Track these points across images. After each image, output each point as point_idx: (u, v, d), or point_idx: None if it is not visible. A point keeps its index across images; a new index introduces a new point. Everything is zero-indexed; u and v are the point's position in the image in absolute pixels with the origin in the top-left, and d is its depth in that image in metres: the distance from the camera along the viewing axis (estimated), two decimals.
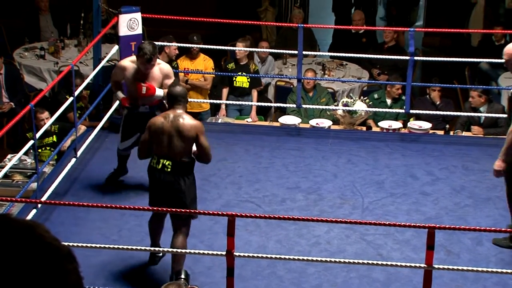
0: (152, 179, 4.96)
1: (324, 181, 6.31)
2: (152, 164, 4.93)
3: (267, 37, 10.83)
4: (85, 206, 4.95)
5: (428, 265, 4.31)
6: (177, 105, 4.93)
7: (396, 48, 9.33)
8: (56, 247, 1.36)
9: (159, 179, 4.88)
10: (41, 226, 1.38)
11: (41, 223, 1.44)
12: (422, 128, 7.47)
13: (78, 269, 1.38)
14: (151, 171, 4.96)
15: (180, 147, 4.85)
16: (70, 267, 1.37)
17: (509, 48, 5.31)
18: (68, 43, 9.60)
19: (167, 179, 4.86)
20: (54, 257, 1.33)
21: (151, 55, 5.59)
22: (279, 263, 5.12)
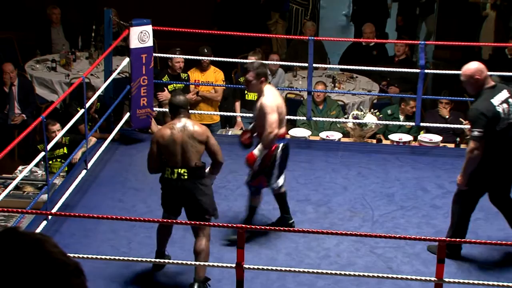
0: (169, 189, 5.03)
1: (334, 193, 6.30)
2: (166, 175, 5.00)
3: (277, 50, 10.85)
4: (95, 218, 4.96)
5: (438, 279, 4.29)
6: (181, 113, 5.05)
7: (407, 61, 9.33)
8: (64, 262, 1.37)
9: (178, 187, 4.97)
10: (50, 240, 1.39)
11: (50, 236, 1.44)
12: (432, 141, 7.46)
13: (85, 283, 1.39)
14: (166, 182, 5.03)
15: (195, 152, 4.98)
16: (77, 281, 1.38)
17: (466, 68, 5.29)
18: (79, 56, 9.65)
19: (186, 185, 4.96)
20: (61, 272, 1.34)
21: (246, 66, 5.57)
22: (289, 276, 5.10)
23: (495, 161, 5.20)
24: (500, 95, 5.16)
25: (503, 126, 5.13)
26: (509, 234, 5.68)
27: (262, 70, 5.43)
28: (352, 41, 10.22)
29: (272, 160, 5.45)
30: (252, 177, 5.53)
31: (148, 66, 7.04)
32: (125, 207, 6.02)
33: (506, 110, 5.13)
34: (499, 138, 5.14)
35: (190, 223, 4.94)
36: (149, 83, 7.09)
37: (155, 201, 6.12)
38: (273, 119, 5.28)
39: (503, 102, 5.15)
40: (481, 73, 5.22)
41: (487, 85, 5.19)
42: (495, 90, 5.17)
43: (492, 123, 5.09)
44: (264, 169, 5.47)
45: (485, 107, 5.09)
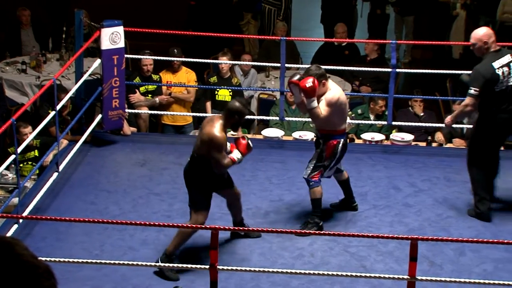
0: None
1: (307, 193, 6.29)
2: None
3: (250, 50, 10.86)
4: (67, 220, 4.91)
5: (411, 277, 4.32)
6: (222, 114, 5.17)
7: (379, 60, 9.38)
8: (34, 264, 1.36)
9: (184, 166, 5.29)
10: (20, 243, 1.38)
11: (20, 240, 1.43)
12: (404, 140, 7.51)
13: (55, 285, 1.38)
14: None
15: (198, 143, 5.16)
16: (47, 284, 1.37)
17: (476, 31, 5.79)
18: (50, 57, 9.57)
19: (185, 168, 5.26)
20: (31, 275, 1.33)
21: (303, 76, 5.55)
22: (263, 276, 5.10)
23: (493, 119, 5.67)
24: (503, 59, 5.63)
25: (502, 87, 5.60)
26: (479, 231, 5.74)
27: (321, 72, 5.57)
28: (324, 41, 10.25)
29: (332, 155, 5.61)
30: (311, 172, 5.66)
31: (120, 67, 7.00)
32: (97, 209, 5.98)
33: (506, 73, 5.61)
34: (498, 97, 5.62)
35: (162, 224, 4.91)
36: (120, 85, 7.05)
37: (127, 203, 6.10)
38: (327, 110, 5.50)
39: (504, 66, 5.61)
40: (488, 38, 5.68)
41: (493, 49, 5.65)
42: (498, 54, 5.64)
43: (490, 84, 5.56)
44: (324, 163, 5.64)
45: (485, 69, 5.58)
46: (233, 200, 5.48)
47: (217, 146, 5.03)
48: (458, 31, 10.93)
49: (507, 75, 5.61)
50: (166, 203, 6.13)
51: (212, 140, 5.03)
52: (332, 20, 10.80)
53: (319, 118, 5.52)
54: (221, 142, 5.05)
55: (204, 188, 5.19)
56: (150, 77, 7.85)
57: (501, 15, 10.79)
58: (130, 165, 6.83)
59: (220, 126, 5.06)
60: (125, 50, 7.25)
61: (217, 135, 5.03)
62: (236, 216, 5.55)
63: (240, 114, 5.13)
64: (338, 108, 5.55)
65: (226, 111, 5.14)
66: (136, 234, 5.61)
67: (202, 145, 5.12)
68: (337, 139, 5.60)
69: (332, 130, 5.60)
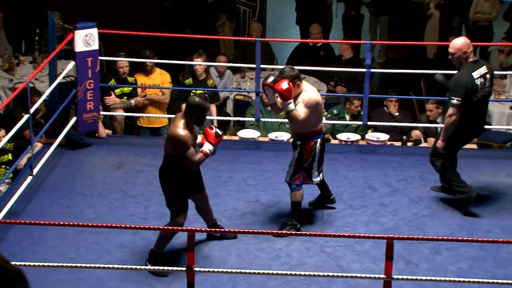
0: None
1: (284, 194, 6.31)
2: None
3: (225, 51, 10.85)
4: (42, 224, 4.88)
5: (387, 276, 4.34)
6: (185, 111, 5.13)
7: (354, 60, 9.42)
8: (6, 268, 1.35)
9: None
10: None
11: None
12: (380, 139, 7.54)
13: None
14: None
15: (165, 144, 5.16)
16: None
17: (455, 41, 5.83)
18: (23, 60, 9.50)
19: (160, 167, 5.24)
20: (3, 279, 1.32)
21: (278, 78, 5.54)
22: (240, 278, 5.10)
23: (468, 126, 5.83)
24: (480, 69, 5.76)
25: (478, 97, 5.76)
26: (454, 230, 5.78)
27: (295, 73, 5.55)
28: (299, 42, 10.27)
29: (311, 156, 5.61)
30: (292, 175, 5.65)
31: (94, 69, 6.96)
32: (72, 213, 5.94)
33: (483, 83, 5.74)
34: (473, 107, 5.76)
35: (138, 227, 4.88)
36: (95, 87, 7.01)
37: (103, 206, 6.07)
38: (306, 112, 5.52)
39: (481, 77, 5.73)
40: (468, 47, 5.78)
41: (471, 59, 5.78)
42: (476, 65, 5.77)
43: (470, 94, 5.69)
44: (303, 165, 5.62)
45: (466, 79, 5.69)
46: (202, 204, 5.45)
47: (182, 144, 5.00)
48: (432, 31, 11.02)
49: (483, 85, 5.75)
50: (142, 206, 6.10)
51: (176, 139, 5.01)
52: (308, 21, 10.83)
53: (298, 120, 5.52)
54: (185, 140, 5.00)
55: (179, 188, 5.17)
56: (125, 79, 7.81)
57: (474, 15, 10.89)
58: (106, 167, 6.79)
59: (182, 124, 5.04)
60: (100, 52, 7.21)
61: (179, 133, 5.00)
62: (207, 219, 5.53)
63: (201, 109, 5.09)
64: (315, 109, 5.56)
65: (187, 108, 5.10)
66: (112, 237, 5.58)
67: (169, 145, 5.12)
68: (313, 140, 5.61)
69: (308, 132, 5.60)
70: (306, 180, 5.68)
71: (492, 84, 5.94)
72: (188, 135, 5.03)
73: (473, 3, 10.84)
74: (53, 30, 7.10)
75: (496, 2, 10.94)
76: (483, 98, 5.84)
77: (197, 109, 5.08)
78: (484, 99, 5.86)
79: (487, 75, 5.79)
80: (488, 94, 5.93)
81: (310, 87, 5.67)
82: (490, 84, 5.84)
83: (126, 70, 7.77)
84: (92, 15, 8.32)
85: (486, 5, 10.80)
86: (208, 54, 8.64)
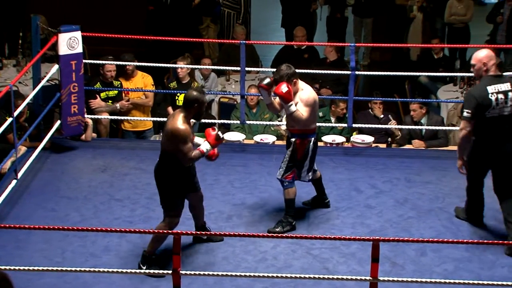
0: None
1: (269, 196, 6.32)
2: None
3: (210, 54, 10.84)
4: (27, 228, 4.84)
5: (373, 278, 4.35)
6: (183, 106, 5.16)
7: (338, 63, 9.44)
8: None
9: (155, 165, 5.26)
10: None
11: None
12: (365, 141, 7.57)
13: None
14: None
15: (163, 140, 5.19)
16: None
17: (478, 53, 5.48)
18: (6, 63, 9.45)
19: (155, 166, 5.24)
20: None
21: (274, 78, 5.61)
22: (226, 280, 5.10)
23: (483, 146, 5.46)
24: (500, 85, 5.38)
25: (494, 114, 5.36)
26: (440, 232, 5.81)
27: (291, 72, 5.63)
28: (283, 45, 10.28)
29: (304, 154, 5.66)
30: (284, 172, 5.70)
31: (78, 72, 6.94)
32: (58, 217, 5.91)
33: (500, 100, 5.35)
34: (488, 124, 5.38)
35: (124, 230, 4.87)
36: (79, 90, 6.99)
37: (88, 210, 6.04)
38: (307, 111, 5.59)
39: (500, 93, 5.36)
40: (489, 60, 5.42)
41: (492, 72, 5.42)
42: (496, 79, 5.39)
43: (481, 108, 5.33)
44: (296, 163, 5.68)
45: (478, 91, 5.37)
46: (197, 202, 5.47)
47: (181, 138, 5.03)
48: (415, 33, 11.06)
49: (502, 102, 5.36)
50: (127, 209, 6.08)
51: (176, 133, 5.03)
52: (293, 24, 10.85)
53: (301, 120, 5.59)
54: (185, 134, 5.04)
55: (176, 187, 5.18)
56: (111, 83, 7.78)
57: (449, 17, 10.94)
58: (91, 171, 6.76)
59: (182, 119, 5.07)
60: (84, 55, 7.18)
61: (180, 127, 5.03)
62: (198, 219, 5.53)
63: (199, 102, 5.12)
64: (313, 108, 5.65)
65: (185, 103, 5.14)
66: (98, 240, 5.56)
67: (167, 141, 5.12)
68: (308, 138, 5.68)
69: (304, 130, 5.66)
70: (296, 177, 5.73)
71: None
72: (187, 129, 5.07)
73: (447, 5, 10.90)
74: (36, 34, 7.07)
75: (470, 4, 11.00)
76: (501, 117, 5.37)
77: (195, 103, 5.11)
78: (503, 119, 5.37)
79: (510, 93, 5.36)
80: (510, 115, 5.39)
81: (306, 86, 5.73)
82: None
83: (113, 74, 7.74)
84: (76, 18, 8.27)
85: (460, 6, 10.86)
86: (193, 57, 8.62)
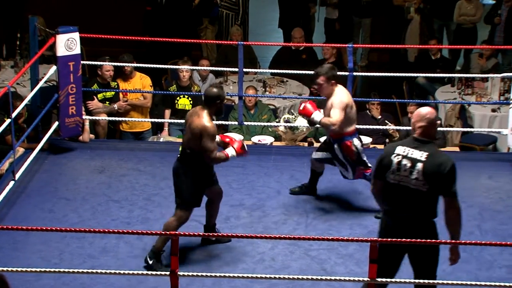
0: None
1: (267, 197, 6.33)
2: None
3: (208, 55, 10.84)
4: (25, 229, 4.85)
5: (371, 279, 4.35)
6: (205, 104, 5.23)
7: (336, 64, 9.42)
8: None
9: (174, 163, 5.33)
10: None
11: None
12: (362, 142, 7.55)
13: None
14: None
15: (187, 139, 5.24)
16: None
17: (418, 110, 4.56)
18: (4, 64, 9.44)
19: (175, 165, 5.31)
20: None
21: (315, 72, 5.87)
22: (224, 282, 5.10)
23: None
24: (414, 151, 4.47)
25: (393, 180, 4.48)
26: None
27: (332, 73, 5.85)
28: (281, 46, 10.28)
29: (356, 153, 5.96)
30: (353, 173, 6.03)
31: (76, 74, 6.93)
32: (56, 218, 5.91)
33: (404, 167, 4.43)
34: (387, 192, 4.55)
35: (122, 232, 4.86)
36: (77, 91, 6.99)
37: (86, 211, 6.04)
38: (339, 114, 5.77)
39: (407, 158, 4.45)
40: (417, 120, 4.52)
41: (415, 135, 4.54)
42: (414, 143, 4.50)
43: (380, 167, 4.58)
44: (355, 162, 5.98)
45: (388, 146, 4.75)
46: (216, 197, 5.51)
47: (209, 135, 5.12)
48: (412, 34, 11.06)
49: (405, 170, 4.42)
50: (125, 210, 6.08)
51: (204, 131, 5.11)
52: (291, 25, 10.85)
53: (331, 125, 5.80)
54: (213, 131, 5.15)
55: (196, 184, 5.25)
56: (108, 84, 7.78)
57: (458, 17, 10.95)
58: (89, 172, 6.76)
59: (207, 116, 5.18)
60: (82, 56, 7.18)
61: (207, 125, 5.13)
62: (212, 218, 5.56)
63: (220, 98, 5.25)
64: (345, 111, 5.82)
65: (207, 100, 5.23)
66: (96, 241, 5.56)
67: (193, 139, 5.17)
68: (348, 140, 5.95)
69: (342, 133, 5.91)
70: (366, 170, 5.99)
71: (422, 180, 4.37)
72: (214, 127, 5.17)
73: (456, 6, 10.90)
74: (34, 35, 7.07)
75: (479, 4, 11.02)
76: (401, 189, 4.43)
77: (217, 99, 5.23)
78: (404, 192, 4.42)
79: (419, 164, 4.37)
80: (416, 191, 4.38)
81: (341, 90, 5.90)
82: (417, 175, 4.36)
83: (112, 74, 7.74)
84: (74, 20, 8.27)
85: (470, 7, 10.86)
86: (191, 58, 8.63)
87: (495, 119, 8.54)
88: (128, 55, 7.97)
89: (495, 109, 8.59)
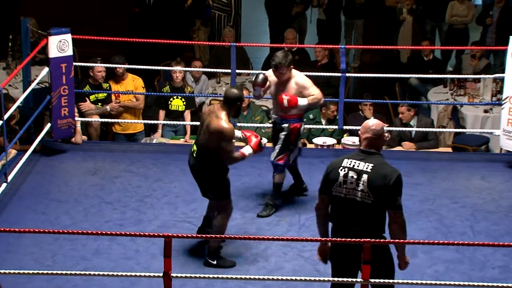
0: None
1: (261, 198, 6.32)
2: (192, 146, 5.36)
3: (200, 57, 10.84)
4: (17, 231, 4.84)
5: (364, 279, 4.36)
6: (223, 104, 5.22)
7: (329, 65, 9.45)
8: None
9: (188, 161, 5.34)
10: None
11: None
12: (355, 143, 7.56)
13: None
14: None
15: (203, 139, 5.21)
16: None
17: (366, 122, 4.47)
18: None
19: (192, 162, 5.30)
20: None
21: (278, 63, 5.86)
22: (218, 283, 5.10)
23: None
24: (359, 162, 4.39)
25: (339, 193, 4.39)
26: (430, 233, 5.82)
27: (291, 59, 5.96)
28: (274, 47, 10.27)
29: (296, 138, 5.99)
30: (277, 155, 5.97)
31: (68, 75, 6.92)
32: (48, 220, 5.89)
33: (350, 179, 4.35)
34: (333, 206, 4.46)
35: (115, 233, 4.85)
36: (69, 93, 6.97)
37: (79, 213, 6.03)
38: (316, 89, 5.99)
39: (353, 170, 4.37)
40: (363, 132, 4.41)
41: (362, 147, 4.43)
42: (360, 155, 4.40)
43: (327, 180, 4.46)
44: (289, 147, 5.97)
45: (334, 160, 4.51)
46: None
47: (227, 137, 5.13)
48: (405, 35, 11.09)
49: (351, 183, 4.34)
50: (118, 212, 6.07)
51: (222, 133, 5.12)
52: (279, 27, 10.84)
53: (320, 101, 5.99)
54: (231, 133, 5.16)
55: (222, 175, 5.29)
56: (100, 85, 7.77)
57: (450, 18, 10.97)
58: (81, 174, 6.75)
59: (226, 117, 5.18)
60: (74, 58, 7.17)
61: (226, 126, 5.13)
62: None
63: (240, 100, 5.28)
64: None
65: (227, 100, 5.24)
66: (88, 243, 5.55)
67: (210, 139, 5.17)
68: (299, 122, 6.00)
69: (297, 115, 5.98)
70: (288, 161, 5.99)
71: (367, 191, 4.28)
72: (233, 129, 5.17)
73: (448, 6, 10.92)
74: (26, 36, 7.05)
75: (471, 5, 11.05)
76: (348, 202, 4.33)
77: (238, 101, 5.25)
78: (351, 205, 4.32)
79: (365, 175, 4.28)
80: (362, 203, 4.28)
81: (296, 71, 6.06)
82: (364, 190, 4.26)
83: (103, 75, 7.73)
84: (66, 21, 8.25)
85: (462, 7, 10.89)
86: (184, 59, 8.62)
87: (487, 119, 8.56)
88: (120, 57, 7.95)
89: (487, 110, 8.61)
